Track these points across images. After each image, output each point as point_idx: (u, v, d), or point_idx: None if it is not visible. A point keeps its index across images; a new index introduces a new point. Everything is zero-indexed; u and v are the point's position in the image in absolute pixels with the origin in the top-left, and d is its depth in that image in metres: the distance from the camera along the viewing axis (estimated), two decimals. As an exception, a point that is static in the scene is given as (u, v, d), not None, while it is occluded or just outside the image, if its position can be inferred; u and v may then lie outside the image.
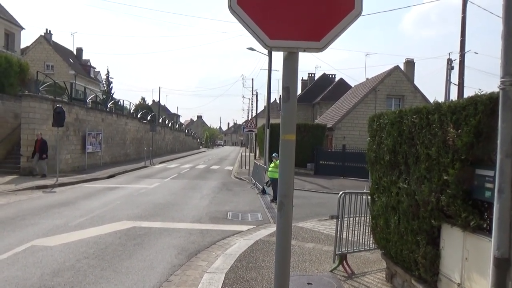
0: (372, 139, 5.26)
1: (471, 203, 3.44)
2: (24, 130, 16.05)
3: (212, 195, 13.03)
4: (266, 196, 12.98)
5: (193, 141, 65.13)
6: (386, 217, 4.83)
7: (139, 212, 9.52)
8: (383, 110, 6.68)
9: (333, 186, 16.30)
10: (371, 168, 5.30)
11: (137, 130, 29.93)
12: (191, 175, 19.83)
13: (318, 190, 15.15)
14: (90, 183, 15.52)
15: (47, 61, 41.45)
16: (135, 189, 13.95)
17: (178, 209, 10.22)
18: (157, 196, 12.41)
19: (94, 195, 12.21)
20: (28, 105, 16.09)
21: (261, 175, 14.48)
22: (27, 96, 16.12)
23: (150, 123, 32.82)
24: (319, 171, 21.06)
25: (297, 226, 8.29)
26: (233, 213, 9.84)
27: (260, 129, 30.08)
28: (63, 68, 41.34)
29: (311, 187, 16.06)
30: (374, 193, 5.23)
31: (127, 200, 11.37)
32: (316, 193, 14.52)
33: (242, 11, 2.19)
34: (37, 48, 41.59)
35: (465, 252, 3.51)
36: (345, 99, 31.10)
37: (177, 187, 15.00)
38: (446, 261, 3.77)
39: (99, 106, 24.81)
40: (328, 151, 22.86)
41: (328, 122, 27.09)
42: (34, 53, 41.21)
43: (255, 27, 2.22)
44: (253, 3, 2.20)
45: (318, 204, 11.98)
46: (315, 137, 21.76)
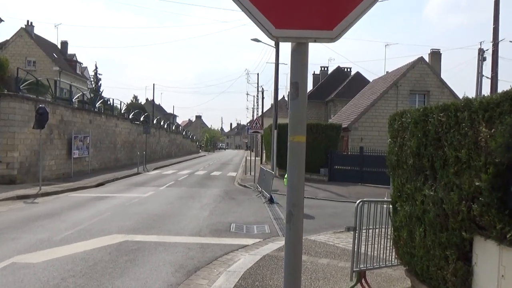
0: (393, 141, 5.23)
1: (507, 212, 3.39)
2: (4, 133, 16.21)
3: (213, 204, 13.04)
4: (274, 206, 12.96)
5: (191, 144, 65.36)
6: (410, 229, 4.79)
7: (131, 225, 9.55)
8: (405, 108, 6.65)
9: (350, 194, 16.22)
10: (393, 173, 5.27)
11: (129, 133, 30.11)
12: (189, 183, 19.88)
13: (333, 199, 15.09)
14: (76, 192, 15.62)
15: (28, 56, 41.93)
16: (127, 198, 14.00)
17: (175, 220, 10.24)
18: (152, 206, 12.44)
19: (81, 206, 12.27)
20: (8, 106, 16.27)
21: (268, 182, 14.46)
22: (6, 95, 16.30)
23: (143, 125, 33.00)
24: (333, 177, 21.00)
25: (309, 240, 8.26)
26: (237, 224, 9.84)
27: (267, 130, 30.10)
28: (46, 64, 41.78)
29: (325, 195, 16.01)
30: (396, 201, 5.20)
31: (118, 211, 11.41)
32: (331, 202, 14.47)
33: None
34: (18, 42, 42.10)
35: (501, 268, 3.46)
36: (362, 96, 31.02)
37: (174, 196, 15.03)
38: (479, 279, 3.73)
39: (86, 106, 25.01)
40: (344, 155, 22.75)
41: (343, 121, 27.02)
42: (14, 48, 41.72)
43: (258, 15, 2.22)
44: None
45: (333, 214, 11.93)
46: (328, 139, 21.72)
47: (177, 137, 51.97)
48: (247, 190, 17.41)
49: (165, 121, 50.34)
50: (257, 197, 15.01)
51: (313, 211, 12.13)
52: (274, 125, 22.99)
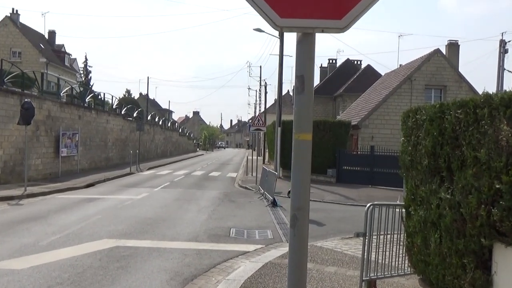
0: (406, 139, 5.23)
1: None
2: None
3: (211, 207, 13.07)
4: (278, 209, 12.96)
5: (188, 142, 65.43)
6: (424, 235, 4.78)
7: (123, 229, 9.58)
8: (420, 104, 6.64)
9: (359, 197, 16.22)
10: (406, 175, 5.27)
11: (121, 130, 30.17)
12: (186, 184, 19.91)
13: (341, 202, 15.09)
14: (64, 193, 15.66)
15: (13, 47, 42.03)
16: (118, 200, 14.03)
17: (171, 224, 10.26)
18: (145, 209, 12.47)
19: (69, 208, 12.31)
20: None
21: (271, 184, 14.47)
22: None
23: (136, 121, 33.05)
24: (342, 178, 20.99)
25: (315, 246, 8.26)
26: (237, 229, 9.85)
27: (270, 127, 30.10)
28: (32, 55, 41.88)
29: (332, 198, 16.00)
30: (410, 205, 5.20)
31: (109, 214, 11.44)
32: (339, 206, 14.46)
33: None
34: (2, 31, 42.22)
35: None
36: (373, 91, 30.98)
37: (170, 198, 15.06)
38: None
39: (75, 100, 25.05)
40: (353, 154, 22.71)
41: (352, 118, 27.00)
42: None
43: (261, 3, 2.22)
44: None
45: (341, 219, 11.93)
46: (336, 137, 21.71)
47: (173, 135, 52.03)
48: (248, 192, 17.42)
49: (160, 117, 50.41)
50: (259, 200, 15.01)
51: (319, 215, 12.12)
52: (278, 122, 22.98)
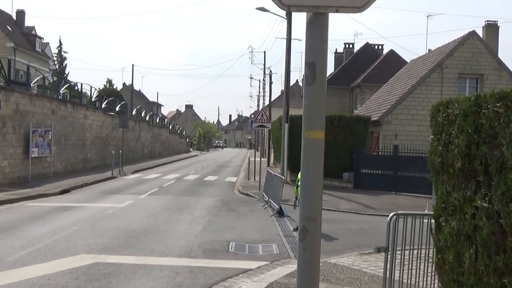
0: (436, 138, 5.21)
1: None
2: None
3: (207, 218, 13.08)
4: (285, 220, 12.97)
5: (180, 141, 65.52)
6: (457, 250, 4.77)
7: (104, 242, 9.60)
8: (452, 96, 6.62)
9: (381, 206, 16.20)
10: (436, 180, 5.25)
11: (101, 126, 30.25)
12: (177, 190, 19.94)
13: (359, 211, 15.07)
14: (35, 201, 15.71)
15: (-25, 30, 42.15)
16: (98, 209, 14.07)
17: (159, 237, 10.27)
18: (130, 219, 12.49)
19: (41, 218, 12.34)
20: (-50, 92, 16.38)
21: (277, 190, 14.48)
22: None
23: (119, 116, 33.12)
24: (360, 183, 20.97)
25: (328, 263, 8.26)
26: (237, 243, 9.86)
27: (276, 123, 30.10)
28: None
29: (349, 206, 15.99)
30: (440, 215, 5.18)
31: (88, 225, 11.47)
32: (356, 215, 14.45)
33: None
34: (-38, 11, 42.30)
35: None
36: (397, 80, 30.93)
37: (158, 206, 15.08)
38: (545, 315, 3.70)
39: (48, 92, 25.14)
40: (373, 155, 22.62)
41: (373, 113, 26.97)
42: (-43, 19, 41.95)
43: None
44: None
45: (359, 231, 11.92)
46: (354, 135, 21.68)
47: (162, 132, 52.11)
48: (250, 200, 17.42)
49: (147, 111, 50.48)
50: (262, 209, 15.02)
51: (333, 226, 12.12)
52: (285, 117, 22.98)
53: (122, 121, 28.57)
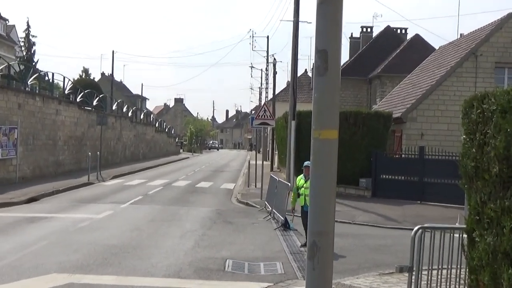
0: (469, 138, 5.20)
1: None
2: None
3: (200, 231, 13.07)
4: (291, 234, 12.96)
5: (168, 140, 65.58)
6: (493, 270, 4.76)
7: (79, 260, 9.59)
8: (488, 88, 6.62)
9: (404, 217, 16.17)
10: (469, 187, 5.24)
11: (76, 123, 30.26)
12: (165, 198, 19.94)
13: (378, 224, 15.05)
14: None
15: None
16: (72, 221, 14.05)
17: (144, 254, 10.26)
18: (109, 232, 12.48)
19: (4, 232, 12.31)
20: None
21: (282, 198, 14.47)
22: None
23: (97, 112, 33.10)
24: (379, 191, 20.93)
25: (342, 284, 8.24)
26: (235, 261, 9.84)
27: (281, 120, 30.10)
28: (-46, 20, 42.05)
29: (367, 218, 15.96)
30: (474, 228, 5.17)
31: (60, 240, 11.45)
32: (375, 229, 14.42)
33: None
34: None
35: None
36: (423, 70, 30.91)
37: (142, 218, 15.07)
38: None
39: (13, 83, 25.12)
40: (395, 158, 22.54)
41: (394, 108, 26.96)
42: None
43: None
44: None
45: (378, 247, 11.89)
46: (372, 135, 21.66)
47: (147, 131, 52.14)
48: (250, 211, 17.40)
49: (130, 106, 50.54)
50: (265, 221, 15.00)
51: (348, 242, 12.10)
52: (292, 113, 22.96)
53: (100, 118, 28.56)
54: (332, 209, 2.30)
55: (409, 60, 38.66)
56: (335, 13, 2.29)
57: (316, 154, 2.31)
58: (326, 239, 2.23)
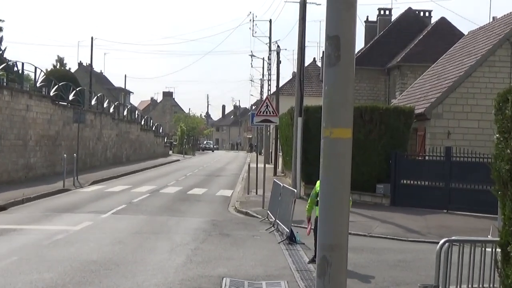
0: (503, 137, 5.20)
1: None
2: None
3: (192, 245, 13.05)
4: (297, 248, 12.94)
5: (155, 140, 65.55)
6: (532, 290, 4.75)
7: (53, 278, 9.57)
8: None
9: (428, 229, 16.15)
10: (503, 193, 5.24)
11: (49, 121, 30.25)
12: (152, 207, 19.92)
13: (398, 236, 15.03)
14: (-40, 221, 15.67)
15: None
16: (46, 233, 14.02)
17: (128, 272, 10.24)
18: (88, 247, 12.46)
19: (-33, 245, 12.32)
20: None
21: (287, 207, 14.45)
22: None
23: (74, 107, 33.06)
24: (399, 198, 20.91)
25: (356, 306, 8.24)
26: (233, 280, 9.82)
27: (285, 117, 30.09)
28: None
29: (385, 230, 15.94)
30: (509, 241, 5.17)
31: (31, 255, 11.42)
32: (395, 242, 14.41)
33: None
34: None
35: None
36: (450, 59, 30.90)
37: (126, 229, 15.05)
38: None
39: (-23, 74, 25.08)
40: (418, 161, 22.49)
41: (417, 103, 26.94)
42: None
43: None
44: None
45: (398, 263, 11.88)
46: (391, 133, 21.63)
47: (132, 129, 52.12)
48: (250, 221, 17.39)
49: (112, 101, 50.53)
50: (267, 233, 14.99)
51: (364, 257, 12.09)
52: (298, 109, 22.94)
53: (77, 114, 28.50)
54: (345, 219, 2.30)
55: (433, 47, 38.61)
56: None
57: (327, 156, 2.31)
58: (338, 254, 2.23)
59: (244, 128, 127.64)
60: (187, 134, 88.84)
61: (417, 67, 38.37)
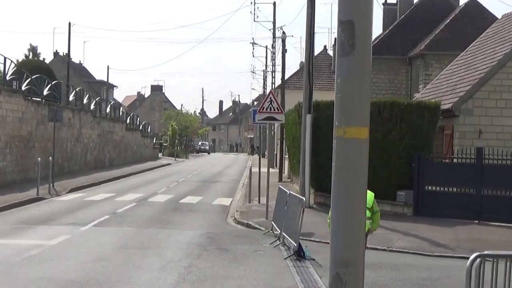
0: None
1: None
2: None
3: (185, 262, 13.08)
4: (306, 264, 12.94)
5: (143, 141, 65.58)
6: None
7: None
8: None
9: (457, 242, 16.17)
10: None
11: (20, 119, 30.27)
12: (139, 218, 19.96)
13: (423, 251, 15.04)
14: None
15: None
16: (17, 248, 14.05)
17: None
18: (66, 264, 12.48)
19: None
20: None
21: (294, 218, 14.45)
22: None
23: (49, 104, 33.06)
24: (424, 207, 20.90)
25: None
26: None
27: (292, 114, 30.08)
28: None
29: (407, 243, 15.95)
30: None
31: (1, 274, 11.44)
32: (419, 258, 14.41)
33: None
34: None
35: None
36: (481, 47, 30.89)
37: (110, 244, 15.07)
38: None
39: None
40: (445, 164, 22.48)
41: (443, 98, 26.94)
42: None
43: None
44: None
45: (423, 281, 11.90)
46: (414, 133, 21.63)
47: (116, 128, 52.14)
48: (252, 234, 17.41)
49: (93, 96, 50.57)
50: (271, 248, 15.01)
51: (383, 274, 12.12)
52: (307, 104, 22.95)
53: (53, 112, 28.51)
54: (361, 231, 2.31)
55: (462, 33, 38.60)
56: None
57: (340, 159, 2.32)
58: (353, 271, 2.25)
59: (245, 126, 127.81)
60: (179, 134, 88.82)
61: (444, 56, 38.36)
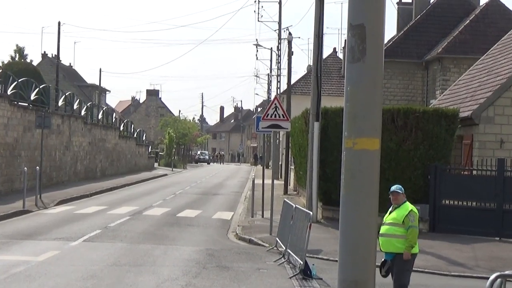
0: None
1: None
2: None
3: (182, 280, 13.09)
4: (314, 284, 12.93)
5: (138, 150, 65.54)
6: None
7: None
8: None
9: (476, 261, 16.14)
10: None
11: (5, 125, 30.28)
12: (133, 233, 19.95)
13: (439, 270, 15.05)
14: None
15: None
16: (1, 265, 14.00)
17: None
18: (54, 282, 12.49)
19: None
20: None
21: (300, 234, 14.45)
22: None
23: (36, 110, 33.07)
24: (441, 223, 20.88)
25: None
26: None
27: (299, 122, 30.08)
28: None
29: (422, 262, 15.86)
30: None
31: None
32: (435, 278, 14.42)
33: None
34: None
35: None
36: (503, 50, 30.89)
37: (101, 261, 15.05)
38: None
39: None
40: (464, 176, 22.43)
41: (462, 104, 26.94)
42: None
43: None
44: None
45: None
46: (430, 142, 21.62)
47: (108, 136, 52.13)
48: (255, 251, 17.40)
49: (84, 101, 50.58)
50: (275, 266, 14.99)
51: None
52: (315, 111, 22.95)
53: (41, 118, 28.52)
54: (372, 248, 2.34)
55: (482, 35, 38.58)
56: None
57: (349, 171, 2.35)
58: None
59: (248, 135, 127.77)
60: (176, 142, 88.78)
61: (463, 59, 38.31)
